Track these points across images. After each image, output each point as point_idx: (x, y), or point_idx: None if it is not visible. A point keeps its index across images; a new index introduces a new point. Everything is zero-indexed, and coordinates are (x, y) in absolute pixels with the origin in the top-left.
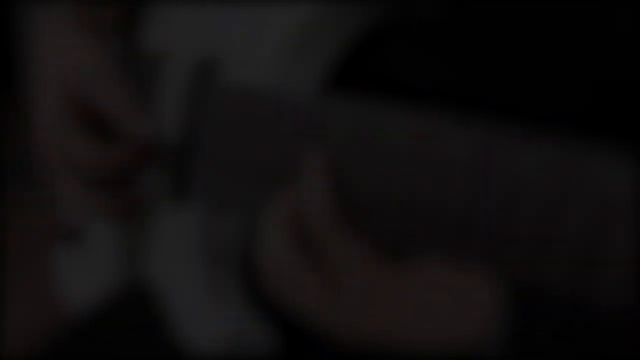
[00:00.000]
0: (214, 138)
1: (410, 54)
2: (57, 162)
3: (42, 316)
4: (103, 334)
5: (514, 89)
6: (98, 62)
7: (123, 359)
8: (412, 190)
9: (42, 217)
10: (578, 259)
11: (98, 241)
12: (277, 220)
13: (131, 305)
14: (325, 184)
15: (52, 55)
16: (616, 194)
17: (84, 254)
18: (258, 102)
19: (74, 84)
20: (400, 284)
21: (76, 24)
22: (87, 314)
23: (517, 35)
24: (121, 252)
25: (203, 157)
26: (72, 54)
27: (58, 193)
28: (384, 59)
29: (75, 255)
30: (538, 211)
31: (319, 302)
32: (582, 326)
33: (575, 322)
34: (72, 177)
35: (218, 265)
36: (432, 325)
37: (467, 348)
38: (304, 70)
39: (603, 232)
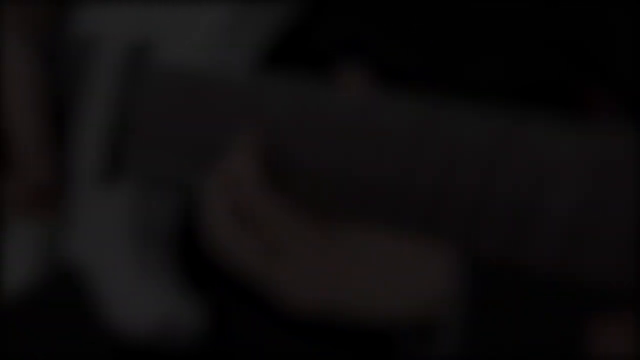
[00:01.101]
0: (147, 116)
1: (347, 25)
2: None
3: None
4: (24, 321)
5: (454, 58)
6: (19, 79)
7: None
8: (349, 162)
9: None
10: (515, 223)
11: (19, 235)
12: (214, 191)
13: (54, 289)
14: (255, 155)
15: None
16: (553, 161)
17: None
18: (191, 81)
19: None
20: (337, 247)
21: (6, 28)
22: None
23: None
24: (42, 240)
25: (136, 137)
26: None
27: None
28: (321, 32)
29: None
30: (474, 178)
31: (262, 267)
32: (528, 290)
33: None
34: None
35: (150, 244)
36: (380, 289)
37: (420, 314)
38: (239, 50)
39: (538, 197)
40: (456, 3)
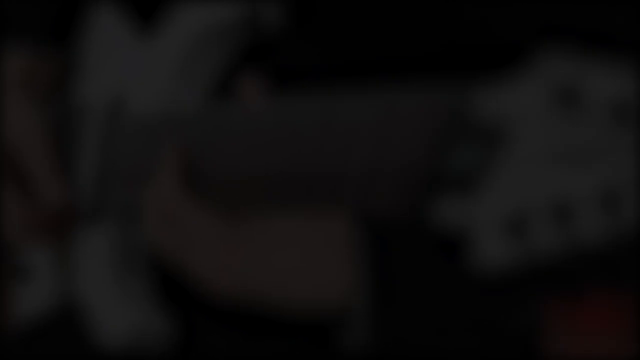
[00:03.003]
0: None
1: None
2: None
3: None
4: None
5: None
6: (29, 126)
7: None
8: (260, 163)
9: None
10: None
11: (37, 265)
12: (145, 203)
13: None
14: (175, 170)
15: None
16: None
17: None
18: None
19: (9, 141)
20: (244, 236)
21: (18, 86)
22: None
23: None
24: (57, 271)
25: (113, 186)
26: (9, 116)
27: None
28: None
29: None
30: (368, 153)
31: (186, 261)
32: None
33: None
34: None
35: (127, 269)
36: (285, 273)
37: (328, 299)
38: (192, 87)
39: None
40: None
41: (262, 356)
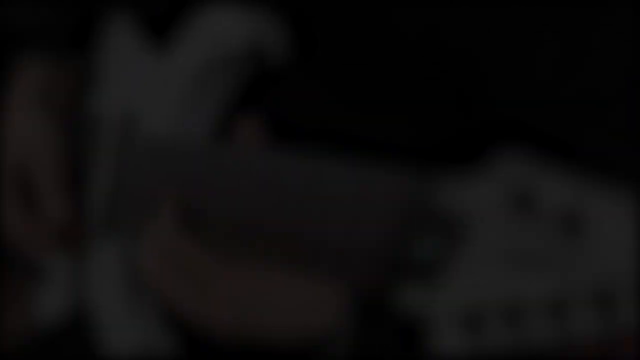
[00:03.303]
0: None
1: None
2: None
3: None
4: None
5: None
6: (41, 143)
7: None
8: (249, 211)
9: None
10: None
11: (52, 273)
12: (144, 250)
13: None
14: (173, 215)
15: (6, 128)
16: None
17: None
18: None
19: (17, 158)
20: (241, 278)
21: (33, 101)
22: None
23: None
24: (71, 280)
25: (124, 203)
26: (22, 128)
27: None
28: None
29: (38, 288)
30: (343, 226)
31: (189, 302)
32: None
33: None
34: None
35: (137, 284)
36: (274, 313)
37: (309, 340)
38: (200, 113)
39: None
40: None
41: None
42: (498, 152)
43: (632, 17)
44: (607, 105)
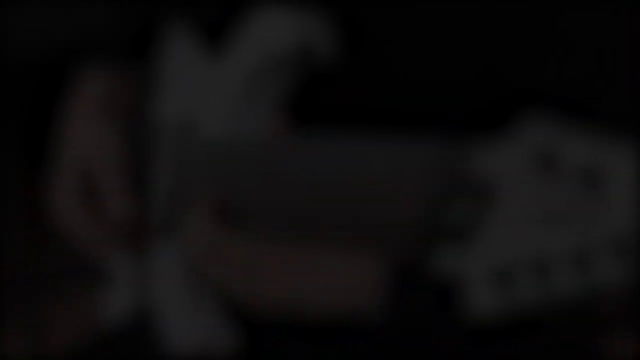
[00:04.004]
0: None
1: None
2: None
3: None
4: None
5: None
6: (104, 147)
7: None
8: (284, 199)
9: None
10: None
11: (117, 274)
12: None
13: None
14: (211, 210)
15: (71, 132)
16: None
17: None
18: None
19: (81, 162)
20: (285, 260)
21: (97, 107)
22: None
23: None
24: (134, 281)
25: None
26: (86, 133)
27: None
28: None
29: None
30: (381, 203)
31: (240, 286)
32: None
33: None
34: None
35: (198, 282)
36: (315, 291)
37: (349, 314)
38: (254, 114)
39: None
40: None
41: None
42: (522, 118)
43: None
44: (623, 66)
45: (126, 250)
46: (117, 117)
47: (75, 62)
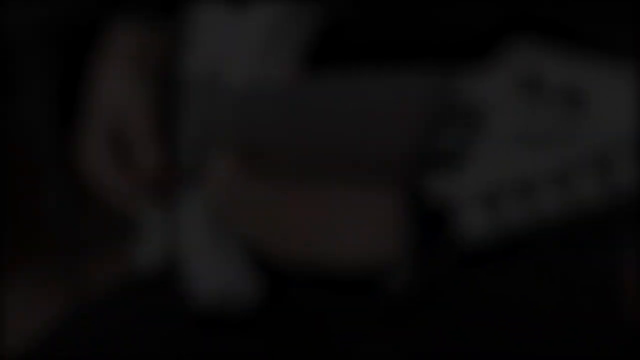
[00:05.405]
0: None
1: None
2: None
3: None
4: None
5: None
6: (135, 101)
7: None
8: (303, 138)
9: None
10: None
11: (147, 224)
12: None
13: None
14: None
15: (101, 87)
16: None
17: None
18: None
19: (112, 117)
20: (305, 204)
21: (128, 64)
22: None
23: None
24: (163, 231)
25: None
26: (116, 87)
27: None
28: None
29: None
30: (383, 132)
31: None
32: None
33: None
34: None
35: (221, 231)
36: (336, 238)
37: (374, 261)
38: (277, 62)
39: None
40: None
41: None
42: (508, 44)
43: None
44: None
45: (155, 200)
46: (147, 73)
47: (106, 19)
